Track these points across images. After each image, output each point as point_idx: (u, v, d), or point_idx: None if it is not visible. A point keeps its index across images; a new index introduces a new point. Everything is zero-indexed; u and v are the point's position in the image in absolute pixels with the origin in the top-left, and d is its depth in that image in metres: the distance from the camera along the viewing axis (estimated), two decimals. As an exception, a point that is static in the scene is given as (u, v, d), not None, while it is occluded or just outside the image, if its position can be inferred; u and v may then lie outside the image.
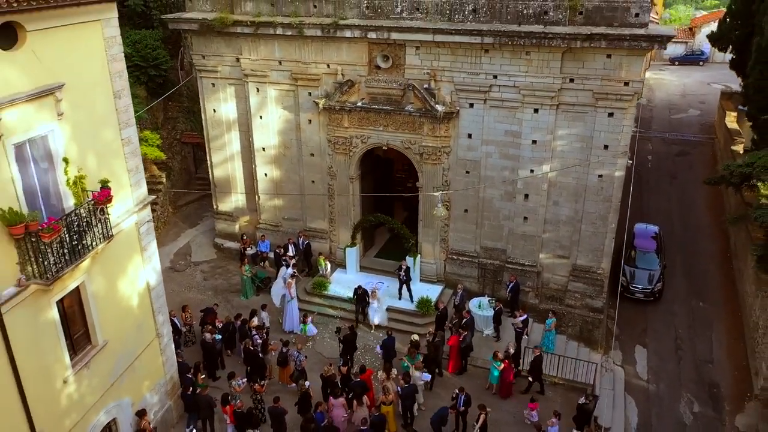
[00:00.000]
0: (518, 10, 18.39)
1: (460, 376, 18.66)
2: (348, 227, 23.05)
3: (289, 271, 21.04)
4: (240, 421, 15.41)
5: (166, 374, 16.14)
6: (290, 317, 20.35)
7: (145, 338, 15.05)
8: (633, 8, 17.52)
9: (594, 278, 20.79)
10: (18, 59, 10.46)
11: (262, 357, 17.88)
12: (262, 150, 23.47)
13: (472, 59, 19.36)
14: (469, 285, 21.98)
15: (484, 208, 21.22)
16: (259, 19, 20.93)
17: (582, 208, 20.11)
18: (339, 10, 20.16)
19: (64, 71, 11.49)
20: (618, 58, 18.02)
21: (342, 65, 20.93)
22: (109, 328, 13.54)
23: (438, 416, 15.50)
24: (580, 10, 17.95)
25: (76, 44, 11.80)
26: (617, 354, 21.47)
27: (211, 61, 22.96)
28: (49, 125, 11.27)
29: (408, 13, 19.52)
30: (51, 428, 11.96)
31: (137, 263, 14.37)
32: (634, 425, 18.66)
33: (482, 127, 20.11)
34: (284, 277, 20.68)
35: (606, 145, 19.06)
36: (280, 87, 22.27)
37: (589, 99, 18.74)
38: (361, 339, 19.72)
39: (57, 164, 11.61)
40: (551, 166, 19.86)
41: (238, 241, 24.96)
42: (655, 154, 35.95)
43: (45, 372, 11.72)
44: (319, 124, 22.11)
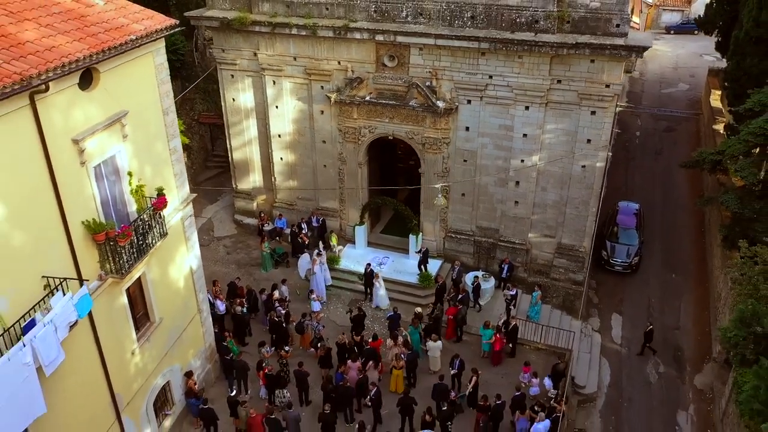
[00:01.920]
0: (512, 18, 20.38)
1: (456, 343, 21.48)
2: (357, 207, 25.52)
3: (316, 250, 23.64)
4: (270, 382, 18.27)
5: (206, 343, 18.96)
6: (318, 288, 23.00)
7: (190, 313, 17.78)
8: (614, 19, 19.54)
9: (576, 255, 23.41)
10: (94, 96, 12.73)
11: (285, 326, 20.67)
12: (278, 136, 25.72)
13: (470, 61, 21.44)
14: (465, 260, 24.62)
15: (480, 193, 23.66)
16: (276, 20, 22.87)
17: (567, 194, 22.56)
18: (349, 14, 22.11)
19: (127, 99, 13.76)
20: (600, 63, 20.14)
21: (352, 63, 22.98)
22: (163, 308, 16.22)
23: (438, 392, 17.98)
24: (567, 19, 19.97)
25: (134, 75, 14.03)
26: (595, 321, 24.33)
27: (230, 54, 24.95)
28: (117, 146, 13.62)
29: (412, 18, 21.49)
30: (124, 391, 14.78)
31: (183, 252, 16.94)
32: (606, 384, 21.65)
33: (479, 121, 22.35)
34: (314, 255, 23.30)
35: (589, 139, 21.36)
36: (294, 80, 24.35)
37: (574, 98, 20.94)
38: (370, 311, 22.55)
39: (123, 177, 14.02)
40: (540, 157, 22.21)
41: (256, 218, 27.49)
42: (644, 129, 38.07)
43: (119, 346, 14.44)
44: (331, 115, 24.30)
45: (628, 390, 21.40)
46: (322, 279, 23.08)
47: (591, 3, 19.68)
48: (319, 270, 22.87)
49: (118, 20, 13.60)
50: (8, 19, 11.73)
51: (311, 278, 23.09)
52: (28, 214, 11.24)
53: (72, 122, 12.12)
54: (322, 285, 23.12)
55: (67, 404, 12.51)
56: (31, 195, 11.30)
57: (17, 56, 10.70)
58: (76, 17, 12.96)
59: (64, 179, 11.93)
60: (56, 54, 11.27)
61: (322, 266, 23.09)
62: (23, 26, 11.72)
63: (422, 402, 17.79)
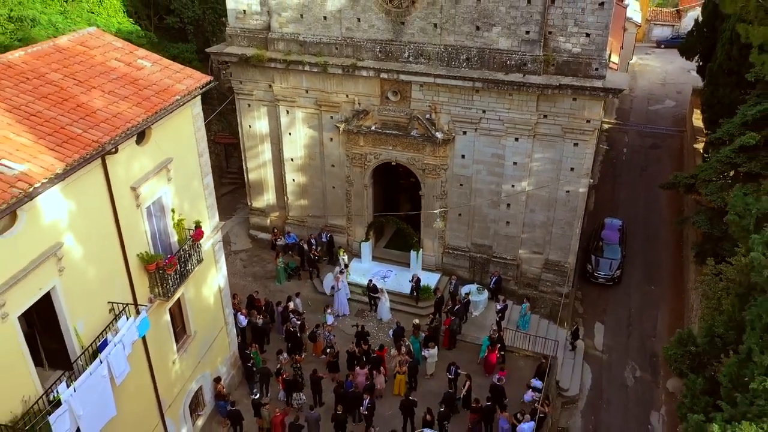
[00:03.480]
0: (503, 60, 22.78)
1: (451, 350, 23.91)
2: (362, 225, 27.95)
3: (338, 268, 26.05)
4: (288, 387, 20.73)
5: (231, 351, 21.43)
6: (339, 303, 25.44)
7: (218, 326, 20.24)
8: (594, 63, 21.94)
9: (562, 270, 25.85)
10: (147, 149, 15.17)
11: (299, 336, 23.13)
12: (290, 160, 28.15)
13: (465, 97, 23.85)
14: (461, 274, 27.06)
15: (475, 213, 26.09)
16: (290, 57, 25.28)
17: (553, 215, 24.98)
18: (357, 53, 24.51)
19: (171, 147, 16.19)
20: (582, 102, 22.55)
21: (358, 96, 25.38)
22: (197, 322, 18.68)
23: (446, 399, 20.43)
24: (552, 63, 22.37)
25: (176, 126, 16.45)
26: (580, 330, 26.76)
27: (248, 86, 27.37)
28: (164, 188, 16.06)
29: (414, 58, 23.89)
30: (167, 395, 17.25)
31: (213, 273, 19.39)
32: (588, 387, 24.12)
33: (473, 150, 24.77)
34: (335, 273, 25.73)
35: (572, 168, 23.78)
36: (306, 110, 26.76)
37: (558, 131, 23.36)
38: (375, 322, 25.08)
39: (167, 213, 16.45)
40: (528, 182, 24.64)
41: (270, 234, 29.94)
42: (630, 146, 40.48)
43: (163, 357, 16.90)
44: (339, 142, 26.71)
45: (608, 392, 23.88)
46: (344, 295, 25.49)
47: (573, 48, 22.09)
48: (343, 286, 25.30)
49: (164, 81, 16.03)
50: (79, 89, 14.17)
51: (335, 294, 25.46)
52: (98, 252, 13.68)
53: (130, 172, 14.56)
54: (344, 300, 25.50)
55: (126, 407, 14.95)
56: (100, 236, 13.74)
57: (93, 125, 13.14)
58: (131, 81, 15.38)
59: (125, 220, 14.37)
60: (121, 120, 13.70)
61: (344, 283, 25.49)
62: (91, 95, 14.15)
63: (421, 403, 20.25)
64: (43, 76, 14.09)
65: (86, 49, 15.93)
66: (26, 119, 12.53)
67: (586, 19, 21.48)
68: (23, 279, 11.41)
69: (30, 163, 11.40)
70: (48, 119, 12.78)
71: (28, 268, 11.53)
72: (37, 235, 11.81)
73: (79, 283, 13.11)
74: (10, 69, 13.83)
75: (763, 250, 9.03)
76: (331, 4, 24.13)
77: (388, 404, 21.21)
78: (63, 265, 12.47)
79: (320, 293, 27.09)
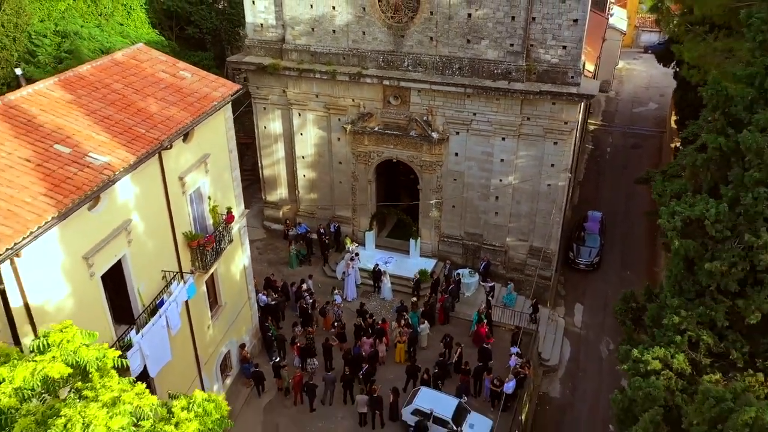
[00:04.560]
0: (490, 69, 25.92)
1: (445, 325, 27.04)
2: (367, 216, 31.10)
3: (348, 255, 29.14)
4: (302, 354, 23.87)
5: (253, 323, 24.58)
6: (350, 287, 28.52)
7: (242, 299, 23.39)
8: (570, 72, 25.07)
9: (545, 256, 28.97)
10: (191, 146, 18.32)
11: (311, 312, 26.28)
12: (301, 157, 31.31)
13: (458, 101, 27.00)
14: (455, 259, 30.19)
15: (467, 205, 29.23)
16: (302, 66, 28.44)
17: (536, 206, 28.10)
18: (362, 63, 27.67)
19: (208, 144, 19.35)
20: (560, 105, 25.68)
21: (363, 100, 28.52)
22: (226, 294, 21.83)
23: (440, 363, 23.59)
24: (534, 72, 25.51)
25: (213, 127, 19.60)
26: (561, 309, 29.96)
27: (263, 91, 30.52)
28: (203, 179, 19.21)
29: (412, 67, 27.04)
30: (203, 354, 20.41)
31: (239, 252, 22.55)
32: (567, 358, 27.25)
33: (465, 148, 27.91)
34: (347, 259, 28.81)
35: (552, 164, 26.89)
36: (316, 113, 29.92)
37: (540, 132, 26.49)
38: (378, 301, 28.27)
39: (204, 200, 19.60)
40: (514, 177, 27.77)
41: (282, 225, 33.09)
42: (614, 146, 43.65)
43: (200, 321, 20.05)
44: (346, 142, 29.86)
45: (584, 363, 27.02)
46: (353, 280, 28.58)
47: (551, 59, 25.24)
48: (353, 272, 28.39)
49: (203, 89, 19.20)
50: (137, 96, 17.34)
51: (345, 279, 28.55)
52: (155, 229, 16.84)
53: (178, 165, 17.71)
54: (353, 285, 28.58)
55: (175, 356, 18.07)
56: (156, 216, 16.90)
57: (152, 126, 16.30)
58: (177, 90, 18.55)
59: (174, 204, 17.52)
60: (173, 122, 16.87)
61: (355, 269, 28.57)
62: (148, 102, 17.32)
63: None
64: (108, 86, 17.25)
65: (138, 63, 19.11)
66: (101, 121, 15.69)
67: (562, 33, 24.64)
68: (104, 247, 14.56)
69: (110, 156, 14.55)
70: (117, 121, 15.94)
71: (108, 239, 14.69)
72: (114, 213, 14.97)
73: (142, 253, 16.26)
74: (82, 80, 17.00)
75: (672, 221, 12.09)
76: (339, 19, 27.30)
77: (390, 370, 24.36)
78: (131, 237, 15.63)
79: (329, 277, 30.23)
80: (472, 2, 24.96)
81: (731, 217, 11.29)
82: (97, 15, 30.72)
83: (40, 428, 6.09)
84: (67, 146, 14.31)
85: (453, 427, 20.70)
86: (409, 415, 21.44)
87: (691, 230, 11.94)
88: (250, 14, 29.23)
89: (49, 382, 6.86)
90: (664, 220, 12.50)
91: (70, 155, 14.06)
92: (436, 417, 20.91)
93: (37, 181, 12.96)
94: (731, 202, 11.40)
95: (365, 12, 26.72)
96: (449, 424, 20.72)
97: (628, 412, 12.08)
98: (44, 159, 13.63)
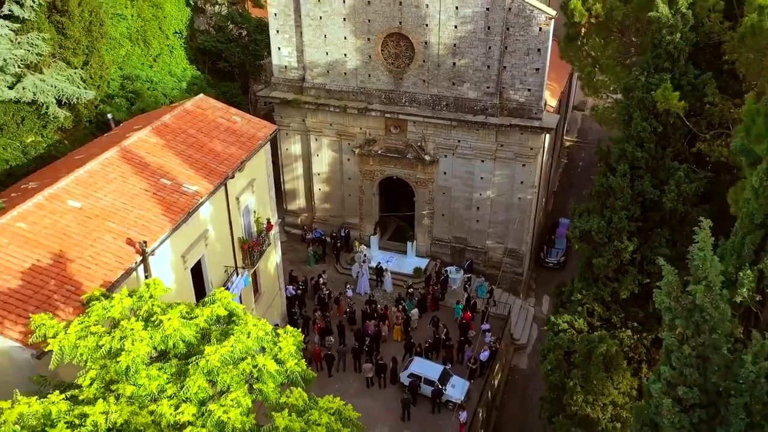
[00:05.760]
0: (471, 106, 32.36)
1: (435, 312, 33.46)
2: (371, 223, 37.56)
3: (360, 256, 35.52)
4: (321, 332, 30.30)
5: (281, 309, 31.05)
6: (363, 284, 34.88)
7: (275, 289, 29.86)
8: (534, 109, 31.52)
9: (518, 256, 35.41)
10: (244, 174, 24.73)
11: (327, 301, 32.76)
12: (317, 174, 37.78)
13: (445, 131, 33.45)
14: (444, 258, 36.64)
15: (453, 214, 35.69)
16: (319, 101, 34.90)
17: (510, 215, 34.53)
18: (368, 99, 34.12)
19: (254, 172, 25.78)
20: (526, 135, 32.12)
21: (369, 129, 34.96)
22: (264, 285, 28.27)
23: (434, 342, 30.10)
24: (506, 108, 31.96)
25: (257, 158, 26.00)
26: (532, 300, 36.41)
27: (286, 120, 36.98)
28: (250, 198, 25.67)
29: (409, 103, 33.50)
30: (249, 330, 26.83)
31: (274, 253, 29.01)
32: (534, 338, 33.68)
33: (452, 168, 34.37)
34: (360, 260, 35.20)
35: (522, 181, 33.34)
36: (330, 138, 36.39)
37: (512, 156, 32.93)
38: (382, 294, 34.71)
39: (250, 213, 26.05)
40: (491, 192, 34.23)
41: (301, 230, 39.55)
42: (586, 160, 49.97)
43: (247, 304, 26.47)
44: (354, 162, 36.31)
45: (548, 342, 33.42)
46: (366, 278, 34.95)
47: (519, 99, 31.68)
48: (365, 272, 34.79)
49: (250, 131, 25.66)
50: (206, 139, 23.81)
51: (359, 277, 34.94)
52: (220, 236, 23.27)
53: (235, 189, 24.16)
54: (366, 282, 34.96)
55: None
56: (221, 227, 23.35)
57: (220, 162, 22.77)
58: (232, 132, 25.02)
59: (233, 218, 23.97)
60: (234, 158, 23.34)
61: (366, 269, 34.97)
62: (214, 143, 23.79)
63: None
64: (185, 131, 23.73)
65: (202, 111, 25.59)
66: (186, 160, 22.16)
67: (527, 79, 31.10)
68: (193, 249, 21.03)
69: (197, 186, 21.03)
70: (197, 159, 22.42)
71: (194, 244, 21.15)
72: (198, 226, 21.43)
73: (213, 253, 22.73)
74: (167, 127, 23.47)
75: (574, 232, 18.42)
76: (349, 64, 33.78)
77: (390, 345, 30.80)
78: (207, 242, 22.10)
79: (340, 273, 36.68)
80: (456, 54, 31.43)
81: (607, 230, 17.62)
82: (149, 57, 37.18)
83: (222, 337, 12.38)
84: (168, 179, 20.79)
85: (438, 386, 27.12)
86: (405, 377, 27.88)
87: (586, 238, 18.25)
88: (276, 58, 35.73)
89: (218, 318, 13.23)
90: (570, 231, 18.88)
91: (171, 186, 20.55)
92: (426, 379, 27.37)
93: (155, 205, 19.44)
94: (608, 221, 17.71)
95: (371, 59, 33.20)
96: (435, 383, 27.16)
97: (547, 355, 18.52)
98: (156, 189, 20.11)
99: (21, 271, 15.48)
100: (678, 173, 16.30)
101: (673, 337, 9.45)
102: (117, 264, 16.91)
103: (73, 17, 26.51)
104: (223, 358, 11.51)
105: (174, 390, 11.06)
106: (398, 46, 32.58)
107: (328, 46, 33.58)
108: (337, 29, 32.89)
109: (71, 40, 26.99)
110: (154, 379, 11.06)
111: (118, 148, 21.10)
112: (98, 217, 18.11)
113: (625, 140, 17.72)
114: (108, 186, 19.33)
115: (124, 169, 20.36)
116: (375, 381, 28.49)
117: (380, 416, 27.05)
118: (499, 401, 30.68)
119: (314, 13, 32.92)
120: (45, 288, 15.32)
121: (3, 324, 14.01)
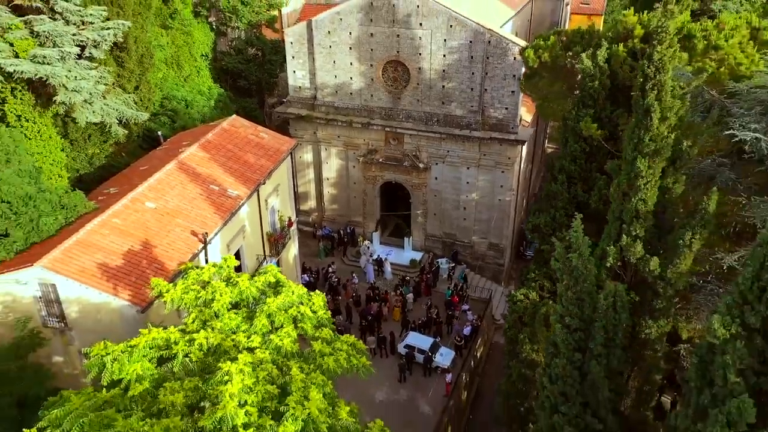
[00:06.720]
0: (458, 122, 38.25)
1: (429, 296, 39.35)
2: (373, 221, 43.47)
3: (368, 250, 41.35)
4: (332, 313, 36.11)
5: (299, 293, 36.89)
6: (369, 273, 40.73)
7: (293, 276, 35.72)
8: (510, 124, 37.40)
9: (499, 249, 41.30)
10: (271, 181, 30.60)
11: (336, 287, 38.67)
12: (326, 179, 43.71)
13: (437, 143, 39.34)
14: (437, 252, 42.55)
15: (444, 214, 41.59)
16: (328, 117, 40.81)
17: (493, 215, 40.43)
18: (370, 115, 40.03)
19: (278, 178, 31.64)
20: (505, 146, 37.99)
21: (371, 140, 40.85)
22: (285, 272, 34.00)
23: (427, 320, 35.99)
24: (487, 124, 37.85)
25: (281, 167, 31.90)
26: (512, 287, 42.24)
27: (299, 132, 42.88)
28: (276, 200, 31.56)
29: (405, 119, 39.39)
30: (274, 308, 32.80)
31: (293, 246, 34.90)
32: (512, 319, 39.51)
33: (442, 174, 40.26)
34: (366, 253, 41.03)
35: (501, 185, 39.23)
36: (337, 148, 42.29)
37: (493, 164, 38.81)
38: (383, 281, 40.62)
39: (275, 212, 31.93)
40: (476, 194, 40.12)
41: (312, 227, 45.46)
42: (565, 165, 55.83)
43: (272, 287, 32.32)
44: (359, 169, 42.20)
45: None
46: (371, 269, 40.81)
47: (498, 116, 37.55)
48: (371, 263, 40.67)
49: (276, 145, 31.56)
50: (241, 152, 29.71)
51: (366, 268, 40.79)
52: (253, 230, 29.15)
53: (265, 192, 30.04)
54: (371, 272, 40.81)
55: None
56: (254, 223, 29.24)
57: (254, 171, 28.67)
58: (261, 147, 30.92)
59: (263, 216, 29.86)
60: (264, 168, 29.23)
61: (371, 262, 40.83)
62: (247, 156, 29.68)
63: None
64: (225, 146, 29.64)
65: (236, 129, 31.50)
66: (227, 170, 28.05)
67: (505, 99, 36.99)
68: (235, 239, 26.92)
69: (238, 191, 26.92)
70: (236, 170, 28.33)
71: (236, 235, 27.03)
72: (237, 222, 27.32)
73: (249, 245, 28.62)
74: (210, 144, 29.38)
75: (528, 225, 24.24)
76: (354, 86, 39.68)
77: (390, 324, 36.68)
78: (245, 235, 27.98)
79: (347, 264, 42.56)
80: (445, 78, 37.34)
81: (552, 224, 23.40)
82: (181, 77, 43.10)
83: (275, 294, 18.20)
84: (216, 185, 26.71)
85: (429, 354, 33.01)
86: (402, 348, 33.76)
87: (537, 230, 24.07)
88: (291, 79, 41.66)
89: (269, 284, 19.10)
90: (525, 225, 24.70)
91: (219, 191, 26.47)
92: (419, 349, 33.26)
93: (208, 206, 25.34)
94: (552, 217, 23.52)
95: (373, 81, 39.11)
96: (426, 352, 33.04)
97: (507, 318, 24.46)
98: (208, 194, 26.03)
99: (121, 254, 21.39)
100: (600, 182, 22.04)
101: (562, 287, 15.28)
102: (186, 249, 22.83)
103: (130, 52, 32.45)
104: (277, 305, 17.36)
105: (246, 326, 16.93)
106: (396, 71, 38.48)
107: (336, 70, 39.50)
108: (345, 56, 38.81)
109: (127, 70, 32.92)
110: (233, 320, 16.91)
111: (176, 161, 27.01)
112: (168, 215, 24.02)
113: (563, 157, 23.50)
114: (172, 191, 25.25)
115: (183, 178, 26.27)
116: (377, 351, 34.38)
117: (382, 379, 32.92)
118: (481, 369, 36.56)
119: (325, 42, 38.85)
120: (140, 266, 21.24)
121: (117, 289, 19.94)
